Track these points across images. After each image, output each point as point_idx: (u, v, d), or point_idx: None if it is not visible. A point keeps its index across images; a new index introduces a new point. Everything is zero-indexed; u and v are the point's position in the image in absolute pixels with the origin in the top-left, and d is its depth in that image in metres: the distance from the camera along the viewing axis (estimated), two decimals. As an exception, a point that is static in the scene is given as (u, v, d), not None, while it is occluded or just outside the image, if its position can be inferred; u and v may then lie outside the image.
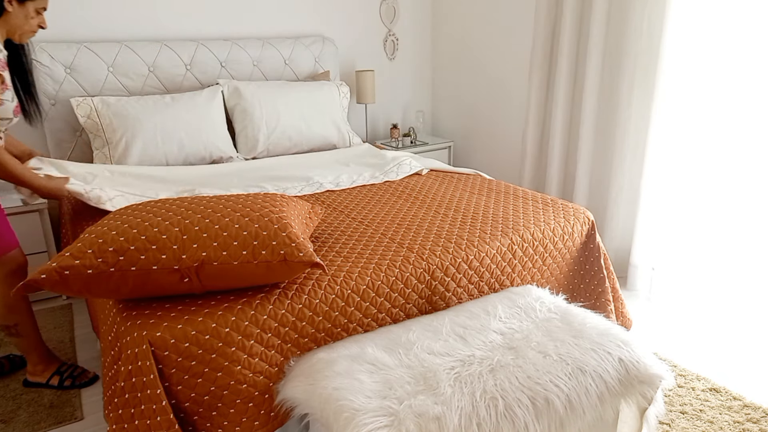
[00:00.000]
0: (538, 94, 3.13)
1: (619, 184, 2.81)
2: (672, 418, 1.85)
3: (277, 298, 1.49)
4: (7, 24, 1.83)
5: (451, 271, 1.77)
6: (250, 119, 2.94)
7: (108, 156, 2.57)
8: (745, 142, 2.38)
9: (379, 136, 4.04)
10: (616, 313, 2.21)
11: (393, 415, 1.22)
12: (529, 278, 1.98)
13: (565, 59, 2.92)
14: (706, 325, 2.45)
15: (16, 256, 1.93)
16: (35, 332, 2.01)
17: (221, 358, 1.39)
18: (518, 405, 1.28)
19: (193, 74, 3.06)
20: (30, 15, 1.85)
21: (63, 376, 2.08)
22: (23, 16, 1.83)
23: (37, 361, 2.05)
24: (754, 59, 2.29)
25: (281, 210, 1.57)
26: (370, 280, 1.63)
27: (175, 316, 1.40)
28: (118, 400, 1.33)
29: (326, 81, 3.31)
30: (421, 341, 1.48)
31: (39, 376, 2.07)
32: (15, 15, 1.81)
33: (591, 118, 2.88)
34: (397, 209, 2.16)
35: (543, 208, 2.17)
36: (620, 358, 1.45)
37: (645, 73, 2.64)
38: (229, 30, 3.26)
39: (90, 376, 2.12)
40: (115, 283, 1.38)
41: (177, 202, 1.57)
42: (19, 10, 1.82)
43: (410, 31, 3.95)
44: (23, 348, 2.01)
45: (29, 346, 2.01)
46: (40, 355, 2.05)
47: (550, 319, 1.61)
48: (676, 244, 2.71)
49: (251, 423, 1.45)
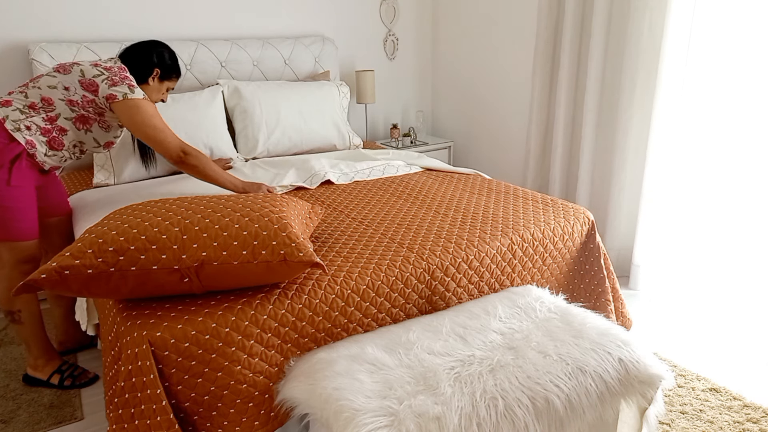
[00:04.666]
0: (541, 93, 3.14)
1: (620, 183, 2.81)
2: (672, 418, 1.85)
3: (277, 298, 1.49)
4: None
5: (451, 271, 1.77)
6: (250, 119, 2.94)
7: (108, 156, 2.57)
8: (746, 142, 2.38)
9: (379, 136, 4.04)
10: (616, 313, 2.21)
11: (393, 415, 1.22)
12: (529, 278, 1.98)
13: (567, 59, 2.92)
14: (707, 325, 2.45)
15: (31, 247, 1.96)
16: (38, 322, 2.03)
17: (221, 358, 1.39)
18: (518, 405, 1.28)
19: (193, 74, 3.06)
20: (162, 91, 2.16)
21: (63, 375, 2.09)
22: (157, 91, 2.14)
23: (38, 355, 2.06)
24: (755, 58, 2.29)
25: (281, 210, 1.57)
26: (370, 280, 1.63)
27: (175, 316, 1.40)
28: (118, 400, 1.34)
29: (326, 81, 3.31)
30: (421, 341, 1.48)
31: (40, 372, 2.08)
32: (152, 89, 2.12)
33: (593, 117, 2.88)
34: (397, 209, 2.16)
35: (543, 208, 2.17)
36: (620, 358, 1.45)
37: (646, 72, 2.64)
38: (229, 30, 3.26)
39: (90, 376, 2.12)
40: (115, 283, 1.38)
41: (177, 202, 1.57)
42: (157, 86, 2.13)
43: (410, 31, 3.95)
44: (24, 336, 2.03)
45: (30, 336, 2.03)
46: (41, 348, 2.07)
47: (550, 319, 1.61)
48: (677, 243, 2.71)
49: (251, 423, 1.45)
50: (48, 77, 1.95)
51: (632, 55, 2.64)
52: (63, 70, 1.97)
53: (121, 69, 2.00)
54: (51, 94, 1.93)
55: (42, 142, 1.94)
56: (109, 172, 2.56)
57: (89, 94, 1.95)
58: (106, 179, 2.54)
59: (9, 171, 1.86)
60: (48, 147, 1.94)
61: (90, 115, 1.98)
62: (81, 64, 1.98)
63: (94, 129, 2.02)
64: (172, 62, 2.15)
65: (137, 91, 1.98)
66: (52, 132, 1.94)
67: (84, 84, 1.94)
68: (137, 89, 1.98)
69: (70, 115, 1.96)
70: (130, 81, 1.98)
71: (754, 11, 2.26)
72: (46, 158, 1.97)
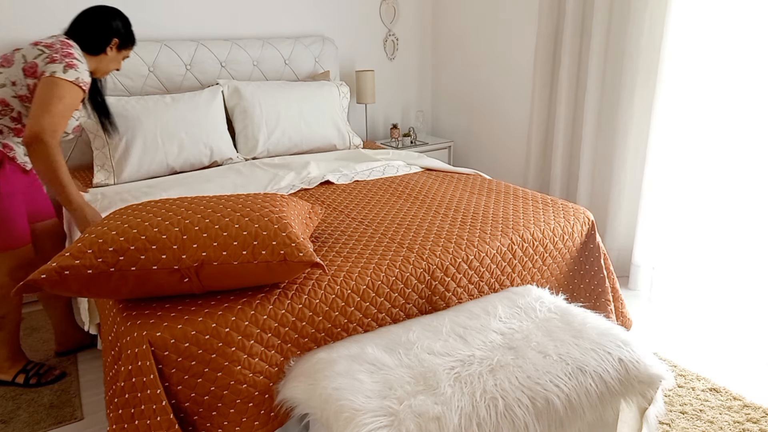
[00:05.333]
0: (542, 93, 3.14)
1: (621, 183, 2.81)
2: (672, 418, 1.85)
3: (277, 298, 1.49)
4: (99, 63, 2.03)
5: (451, 271, 1.77)
6: (250, 119, 2.94)
7: (108, 156, 2.57)
8: (747, 142, 2.38)
9: (379, 136, 4.04)
10: (616, 313, 2.21)
11: (393, 415, 1.22)
12: (529, 278, 1.98)
13: (568, 58, 2.92)
14: (707, 325, 2.45)
15: (24, 253, 1.96)
16: (16, 327, 2.05)
17: (221, 358, 1.39)
18: (518, 405, 1.28)
19: (193, 74, 3.06)
20: (118, 60, 2.09)
21: (29, 374, 2.09)
22: (114, 60, 2.07)
23: (7, 357, 2.07)
24: (755, 58, 2.29)
25: (281, 210, 1.57)
26: (370, 280, 1.63)
27: (175, 316, 1.40)
28: (118, 400, 1.34)
29: (326, 81, 3.31)
30: (421, 341, 1.48)
31: (5, 374, 2.08)
32: (109, 58, 2.04)
33: (593, 117, 2.88)
34: (397, 209, 2.16)
35: (543, 208, 2.17)
36: (620, 358, 1.45)
37: (647, 72, 2.64)
38: (229, 30, 3.26)
39: (56, 373, 2.13)
40: (115, 283, 1.38)
41: (177, 202, 1.57)
42: (115, 56, 2.05)
43: (410, 31, 3.95)
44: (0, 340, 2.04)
45: (5, 340, 2.04)
46: (12, 351, 2.08)
47: (550, 319, 1.61)
48: (677, 243, 2.71)
49: (251, 423, 1.45)
50: None
51: (632, 55, 2.64)
52: (6, 63, 1.87)
53: (65, 45, 1.87)
54: (3, 95, 1.86)
55: (17, 143, 1.91)
56: (109, 172, 2.56)
57: (33, 80, 1.84)
58: (106, 179, 2.54)
59: None
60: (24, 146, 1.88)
61: None
62: (22, 49, 1.87)
63: None
64: (129, 31, 2.06)
65: (71, 72, 1.83)
66: (22, 130, 1.88)
67: (26, 70, 1.84)
68: (73, 70, 1.83)
69: (26, 112, 1.89)
70: (71, 60, 1.84)
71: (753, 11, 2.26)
72: (27, 158, 1.93)
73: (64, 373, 2.16)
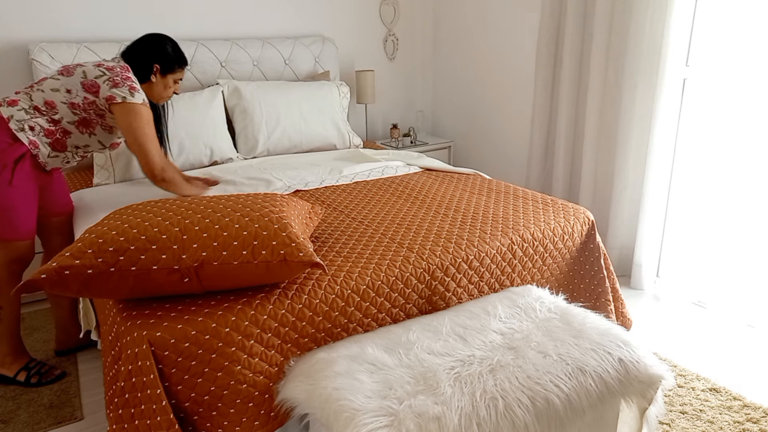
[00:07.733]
0: (543, 93, 3.14)
1: (622, 183, 2.81)
2: (672, 418, 1.85)
3: (277, 298, 1.49)
4: (150, 91, 2.11)
5: (451, 271, 1.77)
6: (250, 119, 2.94)
7: (108, 156, 2.57)
8: (748, 141, 2.38)
9: (379, 136, 4.04)
10: (616, 313, 2.21)
11: (393, 415, 1.22)
12: (529, 278, 1.98)
13: (569, 58, 2.92)
14: (707, 325, 2.45)
15: (24, 247, 1.97)
16: (15, 321, 2.04)
17: (221, 358, 1.39)
18: (518, 405, 1.28)
19: (193, 74, 3.06)
20: (169, 85, 2.13)
21: (30, 372, 2.09)
22: (163, 86, 2.12)
23: (8, 352, 2.07)
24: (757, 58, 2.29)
25: (281, 210, 1.57)
26: (370, 280, 1.63)
27: (175, 316, 1.40)
28: (118, 400, 1.33)
29: (326, 81, 3.31)
30: (421, 341, 1.48)
31: (6, 369, 2.08)
32: (157, 85, 2.10)
33: (595, 117, 2.88)
34: (397, 209, 2.16)
35: (543, 208, 2.17)
36: (620, 358, 1.45)
37: (648, 72, 2.64)
38: (229, 30, 3.26)
39: (57, 373, 2.13)
40: (115, 283, 1.38)
41: (177, 202, 1.57)
42: (161, 81, 2.11)
43: (410, 31, 3.95)
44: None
45: (5, 333, 2.04)
46: (13, 346, 2.07)
47: (550, 319, 1.61)
48: (678, 243, 2.72)
49: (251, 423, 1.45)
50: (52, 80, 1.95)
51: (634, 55, 2.64)
52: (66, 73, 1.97)
53: (124, 69, 1.98)
54: (54, 98, 1.93)
55: (45, 144, 1.94)
56: (109, 172, 2.56)
57: (90, 96, 1.94)
58: (106, 179, 2.54)
59: (12, 171, 1.86)
60: (51, 148, 1.95)
61: (92, 117, 1.98)
62: (84, 65, 1.97)
63: (97, 132, 2.03)
64: (173, 53, 2.10)
65: (137, 94, 1.96)
66: (55, 134, 1.94)
67: (86, 86, 1.94)
68: (138, 93, 1.97)
69: (72, 119, 1.96)
70: (132, 83, 1.97)
71: (755, 11, 2.26)
72: (49, 159, 1.97)
73: (65, 372, 2.16)
